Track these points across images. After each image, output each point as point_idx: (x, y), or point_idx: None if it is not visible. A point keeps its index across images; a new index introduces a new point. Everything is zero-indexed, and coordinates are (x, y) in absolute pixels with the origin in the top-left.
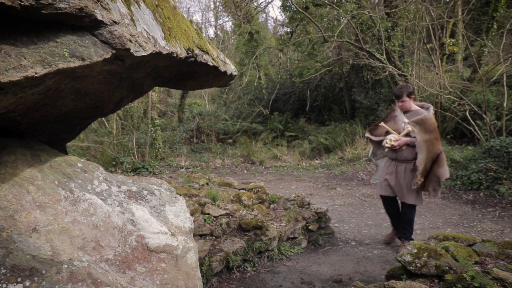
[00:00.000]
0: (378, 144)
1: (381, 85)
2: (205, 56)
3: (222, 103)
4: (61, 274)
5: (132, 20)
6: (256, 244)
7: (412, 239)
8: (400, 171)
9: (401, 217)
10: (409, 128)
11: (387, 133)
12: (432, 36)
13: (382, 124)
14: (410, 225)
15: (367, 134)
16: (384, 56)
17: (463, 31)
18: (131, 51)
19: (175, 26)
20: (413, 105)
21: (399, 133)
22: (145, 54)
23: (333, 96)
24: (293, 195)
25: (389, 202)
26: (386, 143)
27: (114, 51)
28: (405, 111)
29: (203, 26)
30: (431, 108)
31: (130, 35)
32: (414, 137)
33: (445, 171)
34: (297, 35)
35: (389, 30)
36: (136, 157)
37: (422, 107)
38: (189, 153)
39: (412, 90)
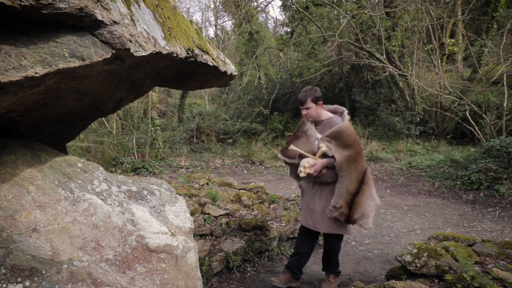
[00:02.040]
0: (295, 165)
1: (381, 85)
2: (205, 56)
3: (222, 103)
4: (61, 274)
5: (132, 20)
6: (256, 244)
7: (339, 271)
8: (325, 192)
9: (324, 250)
10: (324, 147)
11: (301, 155)
12: (432, 36)
13: (292, 147)
14: (336, 256)
15: (279, 155)
16: (384, 56)
17: (463, 31)
18: (131, 51)
19: (175, 26)
20: (324, 113)
21: (314, 154)
22: (145, 54)
23: (333, 96)
24: (293, 195)
25: (310, 235)
26: (301, 172)
27: (114, 51)
28: (315, 122)
29: (203, 26)
30: (346, 112)
31: (130, 35)
32: (332, 156)
33: (374, 193)
34: (297, 35)
35: (389, 30)
36: (136, 157)
37: (335, 112)
38: (189, 153)
39: (320, 95)
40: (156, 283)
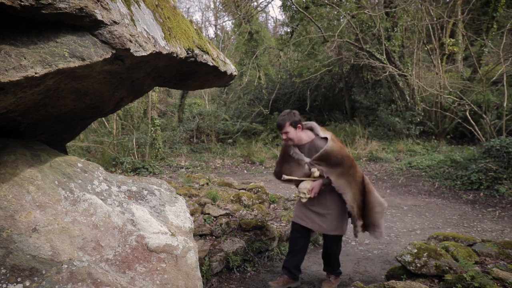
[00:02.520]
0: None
1: (381, 85)
2: (205, 56)
3: (222, 103)
4: (61, 274)
5: (132, 20)
6: (256, 244)
7: (340, 272)
8: (323, 193)
9: (324, 250)
10: (316, 171)
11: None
12: (432, 36)
13: (285, 177)
14: (336, 256)
15: (284, 178)
16: (384, 56)
17: (463, 31)
18: (131, 51)
19: (175, 26)
20: (304, 136)
21: (308, 176)
22: (145, 54)
23: (333, 96)
24: (293, 195)
25: (302, 232)
26: (302, 199)
27: (114, 51)
28: (298, 145)
29: (203, 26)
30: (321, 132)
31: (130, 35)
32: (327, 177)
33: (379, 197)
34: (297, 35)
35: (389, 30)
36: (136, 157)
37: (312, 129)
38: (189, 153)
39: (298, 119)
40: (156, 283)
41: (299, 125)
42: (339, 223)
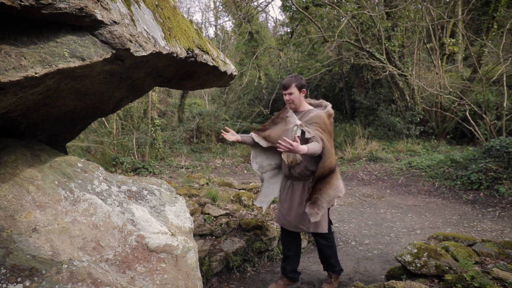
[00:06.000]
0: (266, 152)
1: (381, 85)
2: (205, 56)
3: (222, 103)
4: (61, 274)
5: (132, 20)
6: (256, 244)
7: (341, 269)
8: (296, 189)
9: (318, 251)
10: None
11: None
12: (432, 36)
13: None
14: (331, 257)
15: (254, 136)
16: (384, 56)
17: (463, 31)
18: (131, 51)
19: (175, 26)
20: (305, 104)
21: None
22: (145, 54)
23: (333, 96)
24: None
25: (291, 236)
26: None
27: (114, 51)
28: (295, 111)
29: (203, 26)
30: (330, 106)
31: (130, 35)
32: (310, 139)
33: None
34: (297, 35)
35: (389, 30)
36: (136, 157)
37: (319, 105)
38: (189, 153)
39: (305, 84)
40: (156, 283)
41: (303, 89)
42: (314, 221)
